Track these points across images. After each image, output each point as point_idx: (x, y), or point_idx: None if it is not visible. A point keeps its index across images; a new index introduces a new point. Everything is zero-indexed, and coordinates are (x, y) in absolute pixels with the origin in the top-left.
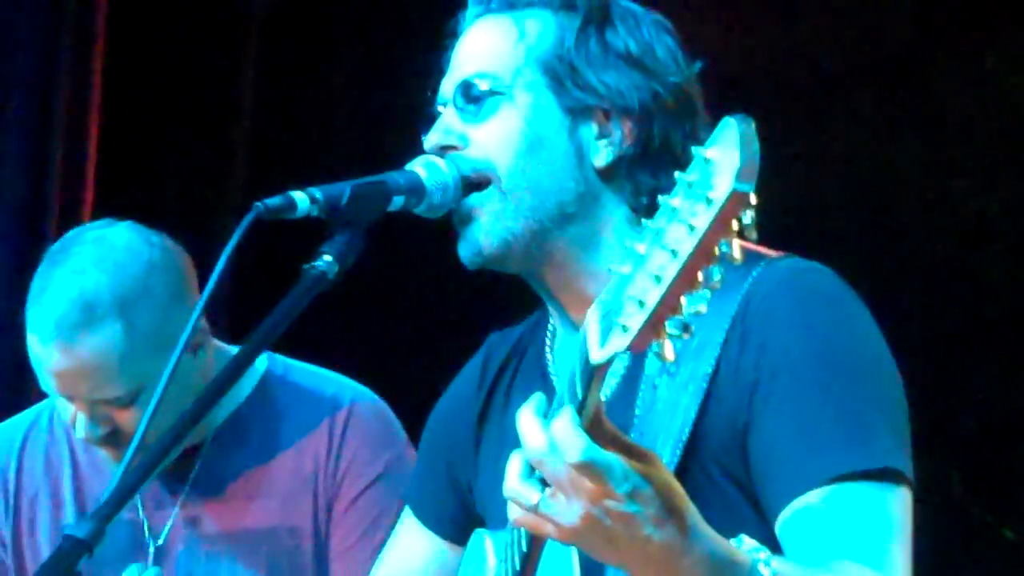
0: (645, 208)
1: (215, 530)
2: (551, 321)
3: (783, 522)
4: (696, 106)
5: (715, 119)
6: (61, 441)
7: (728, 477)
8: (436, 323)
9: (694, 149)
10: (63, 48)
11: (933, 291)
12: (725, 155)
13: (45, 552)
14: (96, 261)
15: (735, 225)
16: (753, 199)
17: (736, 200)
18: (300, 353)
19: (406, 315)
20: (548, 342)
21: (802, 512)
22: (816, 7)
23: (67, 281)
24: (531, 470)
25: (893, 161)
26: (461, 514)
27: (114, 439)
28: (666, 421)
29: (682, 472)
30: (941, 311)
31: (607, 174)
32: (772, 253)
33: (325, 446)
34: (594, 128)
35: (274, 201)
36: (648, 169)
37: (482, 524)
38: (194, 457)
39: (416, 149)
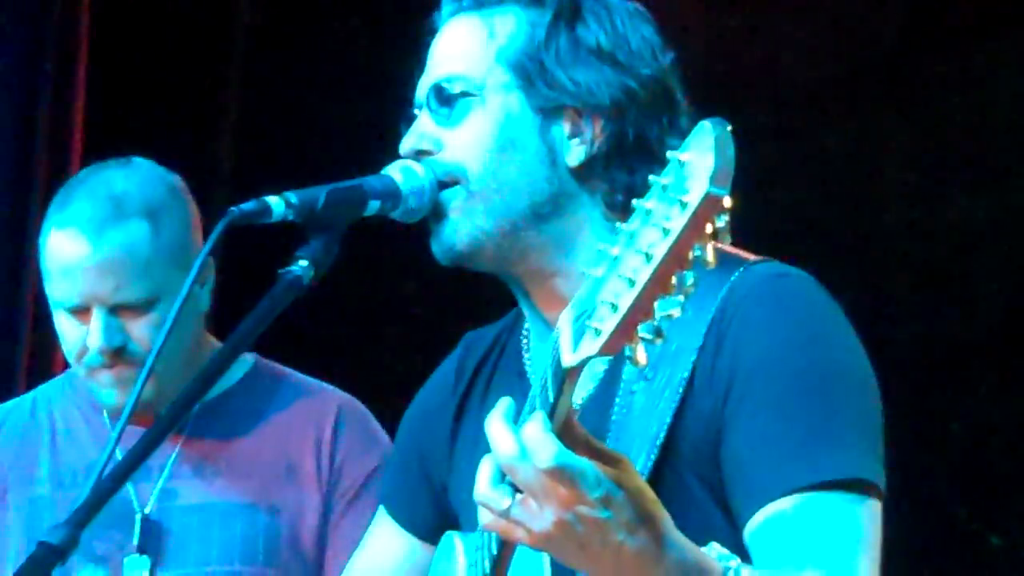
0: (621, 205)
1: (196, 503)
2: (526, 320)
3: (752, 530)
4: (674, 96)
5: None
6: (42, 422)
7: (702, 483)
8: (409, 324)
9: (668, 153)
10: (45, 59)
11: (921, 297)
12: (699, 159)
13: (10, 523)
14: (123, 175)
15: (709, 229)
16: (727, 203)
17: (710, 204)
18: (275, 356)
19: (379, 316)
20: (524, 341)
21: (771, 520)
22: (801, 13)
23: (96, 187)
24: (502, 475)
25: (880, 166)
26: (435, 513)
27: (122, 355)
28: (642, 426)
29: (656, 477)
30: (929, 317)
31: (581, 173)
32: (751, 257)
33: (314, 434)
34: (566, 127)
35: (248, 206)
36: (623, 166)
37: (456, 523)
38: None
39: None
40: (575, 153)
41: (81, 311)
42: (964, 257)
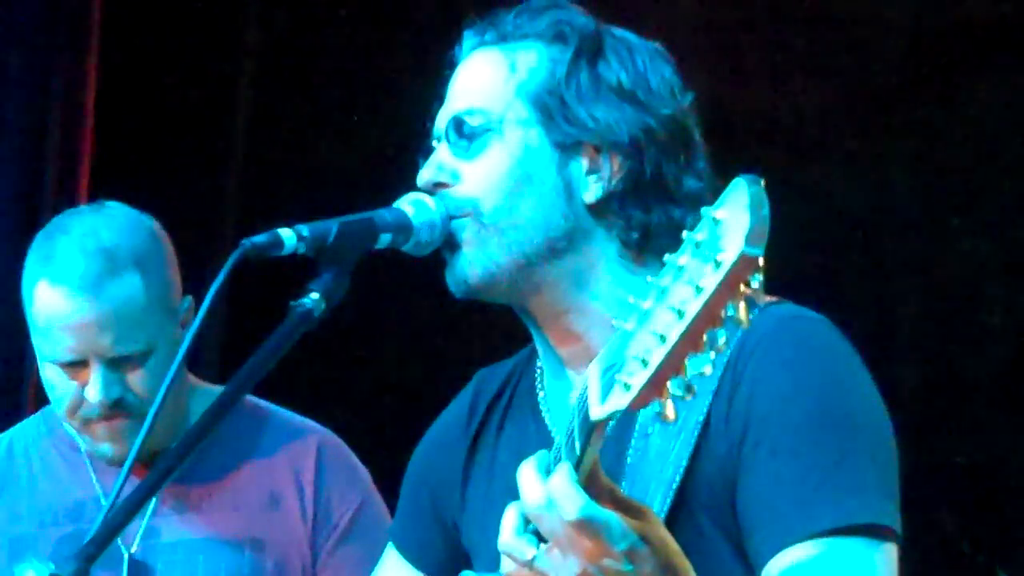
0: (636, 243)
1: (178, 540)
2: (539, 357)
3: (769, 575)
4: (691, 136)
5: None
6: (20, 461)
7: (717, 527)
8: (418, 362)
9: (703, 209)
10: (54, 82)
11: (926, 331)
12: (734, 217)
13: None
14: (105, 225)
15: (743, 288)
16: (762, 263)
17: (745, 263)
18: (281, 391)
19: (388, 353)
20: (538, 378)
21: (789, 566)
22: (805, 47)
23: (81, 241)
24: (526, 523)
25: (886, 200)
26: (445, 550)
27: (119, 407)
28: (657, 470)
29: (671, 521)
30: (933, 351)
31: (597, 209)
32: (766, 298)
33: (295, 469)
34: (584, 163)
35: (261, 238)
36: (640, 204)
37: (467, 560)
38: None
39: (411, 184)
40: (592, 190)
41: (75, 365)
42: (969, 292)
